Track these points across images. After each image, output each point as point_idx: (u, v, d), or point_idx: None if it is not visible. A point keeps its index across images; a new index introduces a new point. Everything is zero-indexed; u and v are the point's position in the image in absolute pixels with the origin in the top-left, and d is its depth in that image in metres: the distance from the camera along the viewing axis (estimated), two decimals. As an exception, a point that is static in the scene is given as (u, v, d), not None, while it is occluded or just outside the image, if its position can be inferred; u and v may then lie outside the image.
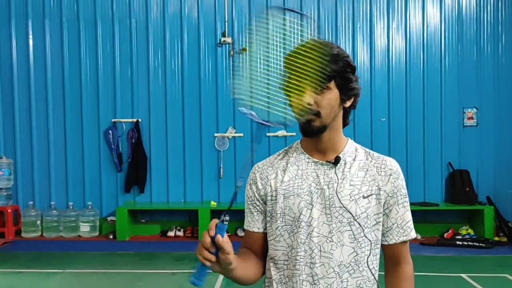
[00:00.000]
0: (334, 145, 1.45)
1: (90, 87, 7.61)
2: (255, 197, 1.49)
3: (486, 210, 6.99)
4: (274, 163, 1.51)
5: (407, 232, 1.46)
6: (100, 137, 7.60)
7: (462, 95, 7.52)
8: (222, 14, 7.54)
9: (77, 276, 5.38)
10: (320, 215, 1.39)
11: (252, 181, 1.51)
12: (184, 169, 7.60)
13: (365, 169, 1.44)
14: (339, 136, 1.47)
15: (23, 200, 7.60)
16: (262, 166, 1.52)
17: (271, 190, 1.46)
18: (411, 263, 1.52)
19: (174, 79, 7.61)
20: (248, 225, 1.51)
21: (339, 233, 1.37)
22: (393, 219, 1.44)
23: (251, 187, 1.50)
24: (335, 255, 1.37)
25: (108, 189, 7.64)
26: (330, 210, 1.38)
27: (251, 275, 1.45)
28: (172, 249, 6.51)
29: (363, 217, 1.39)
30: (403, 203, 1.45)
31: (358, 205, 1.39)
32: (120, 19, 7.60)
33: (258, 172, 1.51)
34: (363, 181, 1.42)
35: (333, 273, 1.37)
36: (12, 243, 6.98)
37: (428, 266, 5.60)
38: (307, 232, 1.38)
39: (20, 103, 7.64)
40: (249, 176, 1.52)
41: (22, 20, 7.62)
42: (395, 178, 1.45)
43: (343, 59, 1.36)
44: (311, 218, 1.38)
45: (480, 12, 7.55)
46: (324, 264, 1.37)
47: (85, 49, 7.61)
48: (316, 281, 1.38)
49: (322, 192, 1.40)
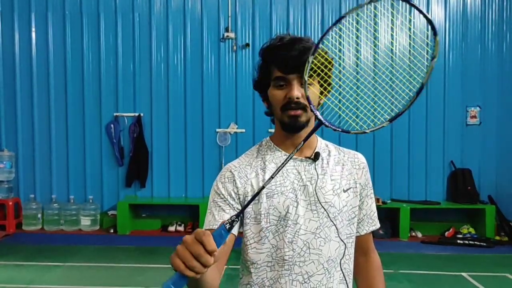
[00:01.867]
0: (309, 141, 1.43)
1: (92, 80, 7.60)
2: (229, 195, 1.39)
3: (487, 209, 6.97)
4: (250, 161, 1.45)
5: (375, 222, 1.53)
6: (102, 131, 7.59)
7: (466, 94, 7.49)
8: (225, 9, 7.51)
9: (77, 270, 5.38)
10: (305, 211, 1.37)
11: (227, 179, 1.41)
12: (186, 164, 7.60)
13: (341, 164, 1.47)
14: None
15: (24, 193, 7.60)
16: (238, 165, 1.44)
17: (252, 189, 1.39)
18: (376, 251, 1.59)
19: (177, 74, 7.59)
20: (214, 223, 1.34)
21: (326, 229, 1.37)
22: (364, 210, 1.50)
23: (225, 186, 1.40)
24: (324, 251, 1.37)
25: (109, 183, 7.64)
26: (316, 206, 1.38)
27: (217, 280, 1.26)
28: (173, 244, 6.43)
29: (345, 210, 1.42)
30: (371, 195, 1.52)
31: (340, 199, 1.41)
32: (123, 12, 7.58)
33: (236, 171, 1.42)
34: (342, 175, 1.44)
35: (322, 269, 1.37)
36: (12, 236, 6.98)
37: (429, 265, 5.59)
38: (294, 230, 1.36)
39: (22, 96, 7.63)
40: (220, 175, 1.43)
41: (25, 12, 7.59)
42: (366, 171, 1.51)
43: (326, 53, 1.36)
44: (297, 216, 1.37)
45: (485, 10, 7.51)
46: (313, 261, 1.36)
47: (88, 43, 7.59)
48: (307, 279, 1.36)
49: (306, 189, 1.39)
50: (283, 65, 1.33)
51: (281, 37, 1.38)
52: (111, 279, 5.02)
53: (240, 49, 7.51)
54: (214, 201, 1.41)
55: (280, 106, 1.36)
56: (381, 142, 7.27)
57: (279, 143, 1.46)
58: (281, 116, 1.38)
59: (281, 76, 1.35)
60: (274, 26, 7.52)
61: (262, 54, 1.41)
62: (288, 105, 1.35)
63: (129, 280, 4.97)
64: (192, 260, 0.97)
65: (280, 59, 1.34)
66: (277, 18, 7.53)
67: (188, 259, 0.97)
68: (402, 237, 6.87)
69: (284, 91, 1.35)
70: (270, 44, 1.39)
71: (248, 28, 7.54)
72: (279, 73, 1.35)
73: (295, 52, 1.32)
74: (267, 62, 1.39)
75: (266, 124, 7.44)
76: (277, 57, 1.35)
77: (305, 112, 1.35)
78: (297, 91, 1.33)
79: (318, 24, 7.53)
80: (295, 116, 1.35)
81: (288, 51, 1.33)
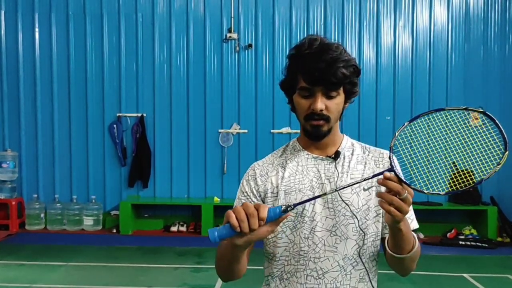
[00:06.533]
0: (333, 141, 1.47)
1: (95, 81, 7.62)
2: (252, 193, 1.47)
3: (489, 211, 6.97)
4: (273, 161, 1.52)
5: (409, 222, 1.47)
6: (105, 131, 7.61)
7: (468, 95, 7.48)
8: (228, 10, 7.52)
9: (80, 269, 5.41)
10: (322, 209, 1.40)
11: (250, 178, 1.50)
12: (188, 164, 7.61)
13: (363, 163, 1.47)
14: (337, 133, 1.48)
15: (27, 192, 7.63)
16: (262, 164, 1.53)
17: (271, 186, 1.46)
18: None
19: (180, 74, 7.61)
20: None
21: (343, 227, 1.39)
22: None
23: (249, 183, 1.49)
24: (339, 248, 1.39)
25: (112, 183, 7.66)
26: (333, 204, 1.40)
27: (244, 267, 1.40)
28: (175, 244, 6.53)
29: (364, 209, 1.41)
30: None
31: (359, 198, 1.41)
32: (126, 13, 7.60)
33: (258, 170, 1.51)
34: (363, 174, 1.44)
35: (337, 266, 1.39)
36: (16, 236, 7.01)
37: (430, 266, 5.59)
38: (310, 227, 1.40)
39: (25, 96, 7.66)
40: (246, 173, 1.52)
41: (29, 13, 7.62)
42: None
43: (353, 65, 1.37)
44: (314, 213, 1.40)
45: (488, 11, 7.51)
46: (328, 258, 1.39)
47: (91, 43, 7.62)
48: (321, 275, 1.39)
49: (324, 187, 1.42)
50: (309, 77, 1.33)
51: (310, 43, 1.35)
52: (113, 279, 5.04)
53: (243, 49, 7.52)
54: (238, 198, 1.51)
55: (304, 115, 1.39)
56: (383, 143, 7.27)
57: (303, 144, 1.50)
58: (305, 124, 1.41)
59: (306, 87, 1.35)
60: (276, 27, 7.53)
61: (290, 58, 1.41)
62: (311, 116, 1.37)
63: (132, 280, 4.99)
64: (244, 217, 1.12)
65: (306, 70, 1.33)
66: (280, 19, 7.54)
67: (241, 214, 1.12)
68: (404, 238, 6.86)
69: (308, 101, 1.36)
70: (299, 50, 1.37)
71: (251, 29, 7.55)
72: (305, 84, 1.35)
73: (322, 64, 1.30)
74: (294, 69, 1.38)
75: (268, 124, 7.47)
76: (304, 67, 1.34)
77: (327, 122, 1.38)
78: (321, 103, 1.34)
79: (321, 25, 7.54)
80: (317, 126, 1.38)
81: (315, 62, 1.31)
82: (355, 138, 1.59)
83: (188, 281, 4.95)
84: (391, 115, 7.50)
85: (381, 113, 7.48)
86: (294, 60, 1.38)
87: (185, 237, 7.02)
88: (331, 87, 1.33)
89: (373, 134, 7.40)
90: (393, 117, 7.50)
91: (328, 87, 1.33)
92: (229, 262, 1.32)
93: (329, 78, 1.31)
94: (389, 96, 7.51)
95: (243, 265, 1.37)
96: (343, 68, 1.32)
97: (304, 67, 1.34)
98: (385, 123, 7.48)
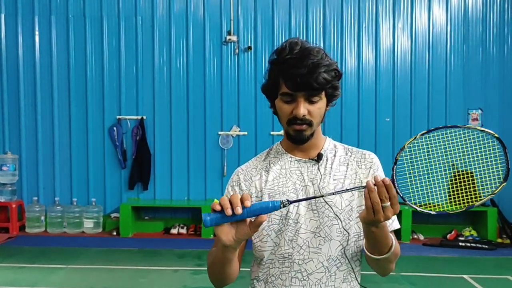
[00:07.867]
0: (316, 144, 1.49)
1: (95, 83, 7.63)
2: None
3: (489, 212, 6.97)
4: (257, 164, 1.53)
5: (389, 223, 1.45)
6: (105, 133, 7.62)
7: (467, 96, 7.50)
8: (227, 12, 7.54)
9: (80, 272, 5.41)
10: (307, 211, 1.41)
11: (235, 183, 1.51)
12: (188, 166, 7.62)
13: (346, 164, 1.48)
14: (319, 135, 1.50)
15: (28, 195, 7.64)
16: (245, 168, 1.54)
17: (255, 190, 1.48)
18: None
19: (179, 77, 7.62)
20: None
21: (326, 228, 1.40)
22: None
23: (234, 189, 1.50)
24: (324, 249, 1.40)
25: (112, 186, 7.66)
26: (316, 206, 1.41)
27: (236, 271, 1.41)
28: (175, 247, 6.54)
29: (347, 210, 1.42)
30: None
31: (342, 199, 1.42)
32: (126, 16, 7.62)
33: (242, 175, 1.52)
34: (345, 175, 1.46)
35: (322, 267, 1.40)
36: (16, 238, 7.01)
37: (430, 267, 5.60)
38: (294, 229, 1.41)
39: (25, 99, 7.67)
40: (231, 178, 1.53)
41: (29, 16, 7.63)
42: (375, 169, 1.49)
43: (334, 69, 1.37)
44: (298, 215, 1.41)
45: (486, 13, 7.53)
46: (313, 259, 1.40)
47: (91, 46, 7.63)
48: (306, 277, 1.40)
49: (307, 189, 1.43)
50: (291, 83, 1.33)
51: (291, 47, 1.35)
52: (113, 282, 5.05)
53: (242, 52, 7.54)
54: None
55: (286, 120, 1.40)
56: (383, 145, 7.28)
57: (286, 147, 1.51)
58: (287, 129, 1.42)
59: (288, 93, 1.36)
60: (276, 29, 7.55)
61: (271, 63, 1.41)
62: (294, 120, 1.38)
63: (132, 283, 5.00)
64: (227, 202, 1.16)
65: (288, 75, 1.33)
66: (279, 21, 7.56)
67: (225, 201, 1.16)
68: (404, 239, 6.87)
69: (290, 107, 1.37)
70: (280, 55, 1.37)
71: (250, 31, 7.57)
72: (287, 90, 1.35)
73: (304, 70, 1.31)
74: (276, 74, 1.39)
75: (268, 127, 7.48)
76: (285, 73, 1.34)
77: (310, 126, 1.39)
78: (303, 109, 1.35)
79: (320, 27, 7.56)
80: (300, 130, 1.39)
81: (297, 68, 1.31)
82: (355, 140, 1.62)
83: (188, 283, 4.95)
84: (390, 116, 7.52)
85: (381, 114, 7.49)
86: (276, 65, 1.38)
87: (185, 240, 7.02)
88: (313, 92, 1.34)
89: (373, 136, 7.39)
90: (393, 119, 7.52)
91: (310, 93, 1.34)
92: (221, 265, 1.33)
93: (311, 83, 1.31)
94: (389, 97, 7.52)
95: (235, 269, 1.39)
96: (324, 73, 1.33)
97: (285, 73, 1.34)
98: (385, 124, 7.49)
